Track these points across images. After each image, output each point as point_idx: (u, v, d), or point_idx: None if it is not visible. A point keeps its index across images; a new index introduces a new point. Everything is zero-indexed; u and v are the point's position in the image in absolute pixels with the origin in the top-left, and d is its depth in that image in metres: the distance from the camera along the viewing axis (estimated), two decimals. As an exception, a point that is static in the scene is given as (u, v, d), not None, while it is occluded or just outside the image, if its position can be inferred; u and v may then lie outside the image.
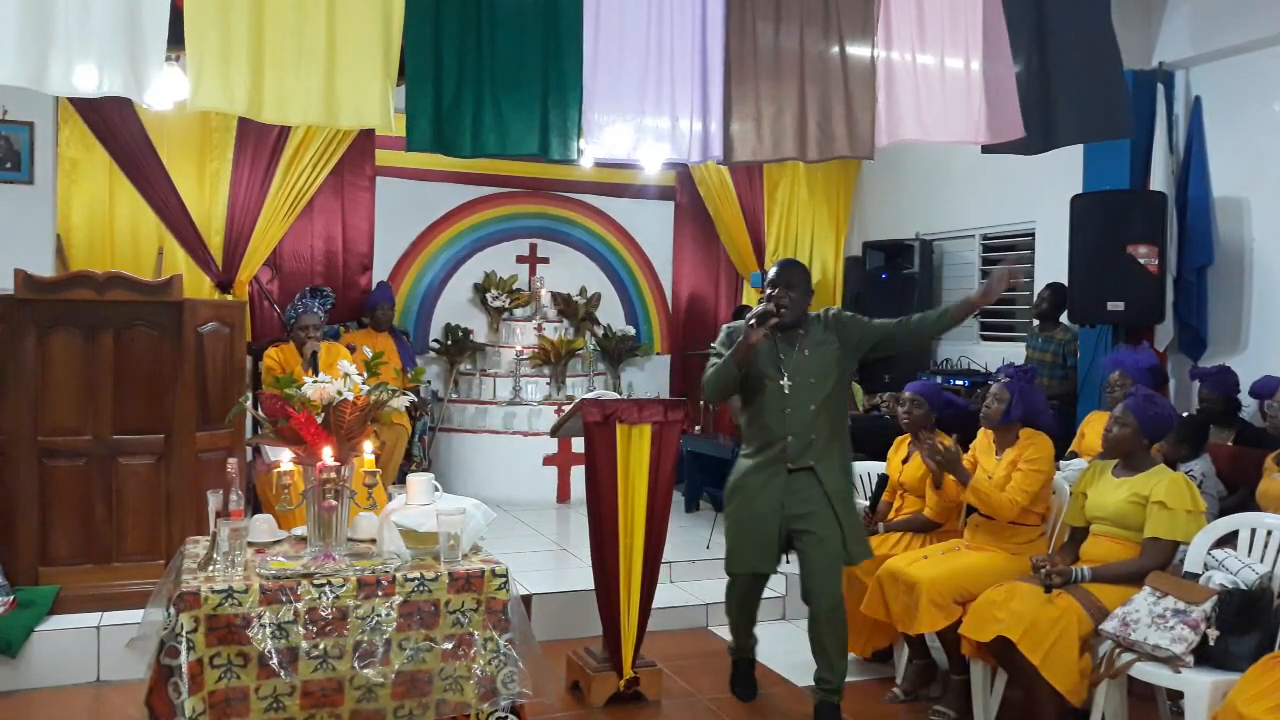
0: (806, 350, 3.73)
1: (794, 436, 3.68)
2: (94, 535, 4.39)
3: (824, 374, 3.71)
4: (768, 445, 3.73)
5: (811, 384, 3.69)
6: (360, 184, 7.28)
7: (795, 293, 3.71)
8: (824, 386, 3.71)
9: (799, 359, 3.72)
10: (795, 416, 3.68)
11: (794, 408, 3.68)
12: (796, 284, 3.74)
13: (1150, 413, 3.67)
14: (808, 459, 3.68)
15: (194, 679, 2.74)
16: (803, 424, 3.68)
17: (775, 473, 3.71)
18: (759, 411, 3.75)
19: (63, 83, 3.47)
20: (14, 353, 4.27)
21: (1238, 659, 3.15)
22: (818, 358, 3.72)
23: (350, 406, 3.11)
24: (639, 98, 4.11)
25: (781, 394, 3.69)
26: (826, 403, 3.71)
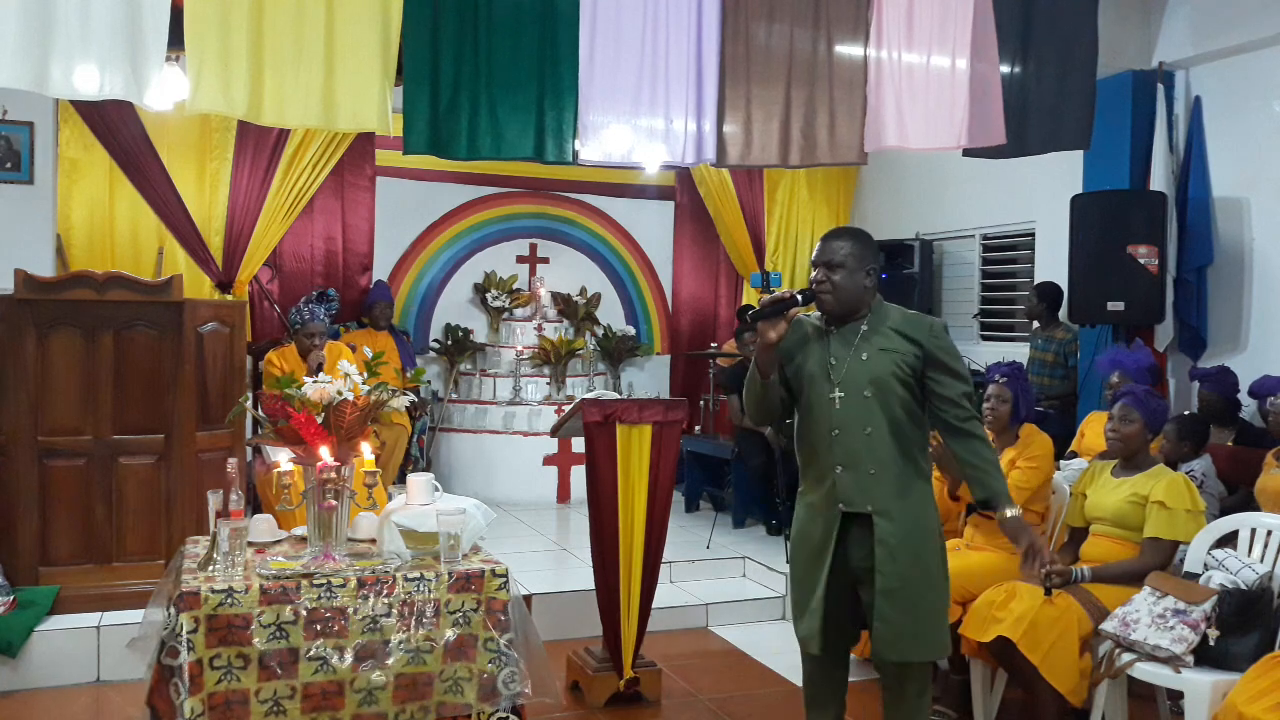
0: (865, 354, 2.80)
1: (844, 468, 2.80)
2: (94, 535, 4.39)
3: (885, 386, 2.78)
4: (819, 480, 2.88)
5: (866, 398, 2.78)
6: (360, 184, 7.28)
7: (841, 273, 2.80)
8: (885, 403, 2.78)
9: (854, 363, 2.80)
10: (845, 441, 2.80)
11: (844, 429, 2.79)
12: (843, 259, 2.80)
13: (1152, 406, 3.67)
14: (864, 502, 2.79)
15: (194, 680, 2.74)
16: (855, 452, 2.79)
17: (832, 516, 2.84)
18: (805, 430, 2.91)
19: (64, 85, 3.48)
20: (14, 353, 4.28)
21: (1238, 659, 3.15)
22: (881, 363, 2.79)
23: (350, 406, 3.10)
24: (634, 100, 4.13)
25: (829, 408, 2.82)
26: (890, 426, 2.78)
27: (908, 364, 2.79)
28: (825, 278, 2.82)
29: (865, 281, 2.83)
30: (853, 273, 2.81)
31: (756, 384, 2.86)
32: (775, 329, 2.76)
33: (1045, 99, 4.53)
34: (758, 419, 2.98)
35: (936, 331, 2.84)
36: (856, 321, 2.85)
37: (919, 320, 2.85)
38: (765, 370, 2.84)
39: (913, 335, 2.81)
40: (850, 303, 2.83)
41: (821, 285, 2.82)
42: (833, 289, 2.81)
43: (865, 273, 2.82)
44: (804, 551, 2.91)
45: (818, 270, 2.84)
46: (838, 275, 2.81)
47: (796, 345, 2.90)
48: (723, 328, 8.34)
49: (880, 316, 2.85)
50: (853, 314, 2.84)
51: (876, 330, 2.83)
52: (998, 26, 4.40)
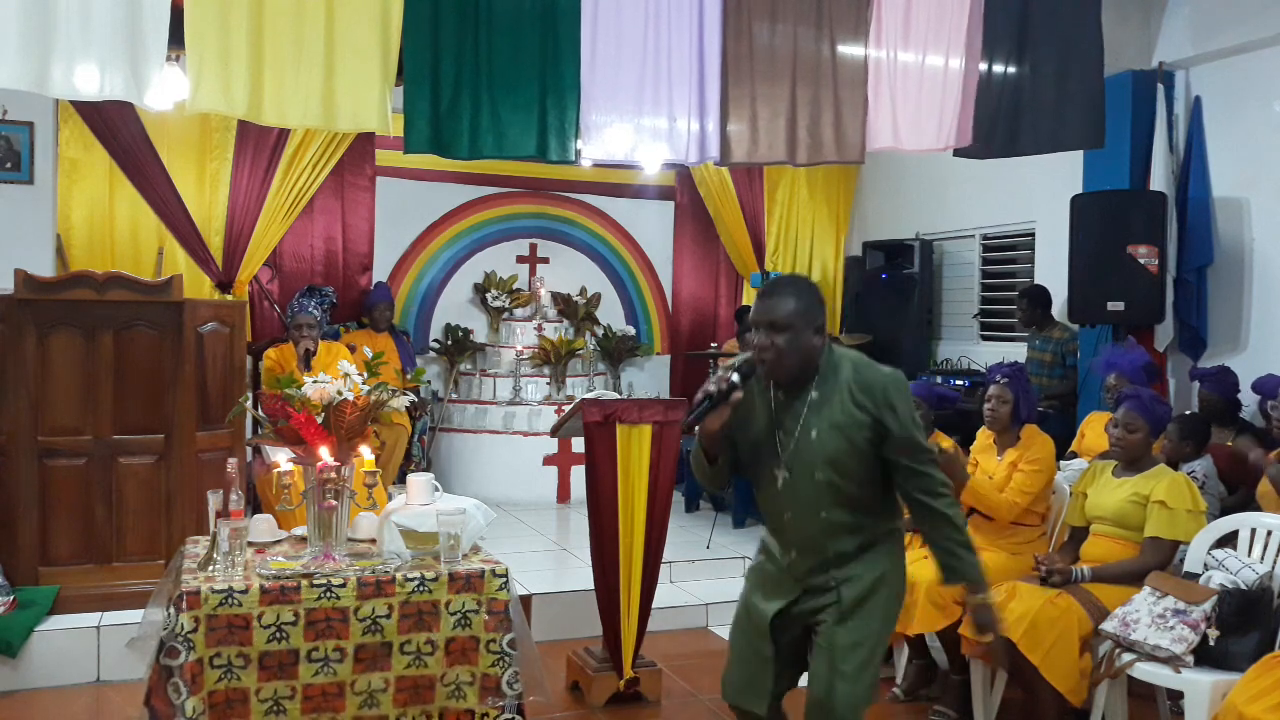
0: (814, 430, 2.44)
1: (799, 552, 2.53)
2: (94, 535, 4.39)
3: (838, 466, 2.43)
4: (780, 552, 2.62)
5: (818, 481, 2.44)
6: (360, 184, 7.28)
7: (787, 336, 2.41)
8: (841, 484, 2.45)
9: (802, 439, 2.45)
10: (800, 525, 2.51)
11: (796, 513, 2.50)
12: (789, 320, 2.41)
13: (1157, 412, 3.67)
14: (824, 580, 2.52)
15: (194, 679, 2.74)
16: (811, 537, 2.50)
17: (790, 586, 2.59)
18: (762, 505, 2.66)
19: (64, 85, 3.48)
20: (14, 353, 4.27)
21: (1238, 659, 3.15)
22: (833, 441, 2.43)
23: (350, 406, 3.11)
24: (636, 99, 4.12)
25: (777, 488, 2.51)
26: (850, 506, 2.47)
27: (864, 436, 2.43)
28: (770, 342, 2.42)
29: (814, 340, 2.45)
30: (800, 334, 2.42)
31: (703, 464, 2.55)
32: (718, 418, 2.42)
33: (1045, 99, 4.53)
34: (708, 488, 2.78)
35: (889, 395, 2.44)
36: (806, 385, 2.47)
37: (871, 382, 2.45)
38: (712, 454, 2.53)
39: (864, 402, 2.43)
40: (797, 368, 2.45)
41: (764, 352, 2.43)
42: (777, 356, 2.42)
43: (814, 330, 2.44)
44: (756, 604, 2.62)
45: (759, 332, 2.44)
46: (782, 339, 2.41)
47: (744, 416, 2.53)
48: (723, 328, 8.34)
49: (831, 377, 2.46)
50: (801, 377, 2.47)
51: (827, 399, 2.45)
52: (995, 28, 4.41)
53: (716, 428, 2.43)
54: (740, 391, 2.41)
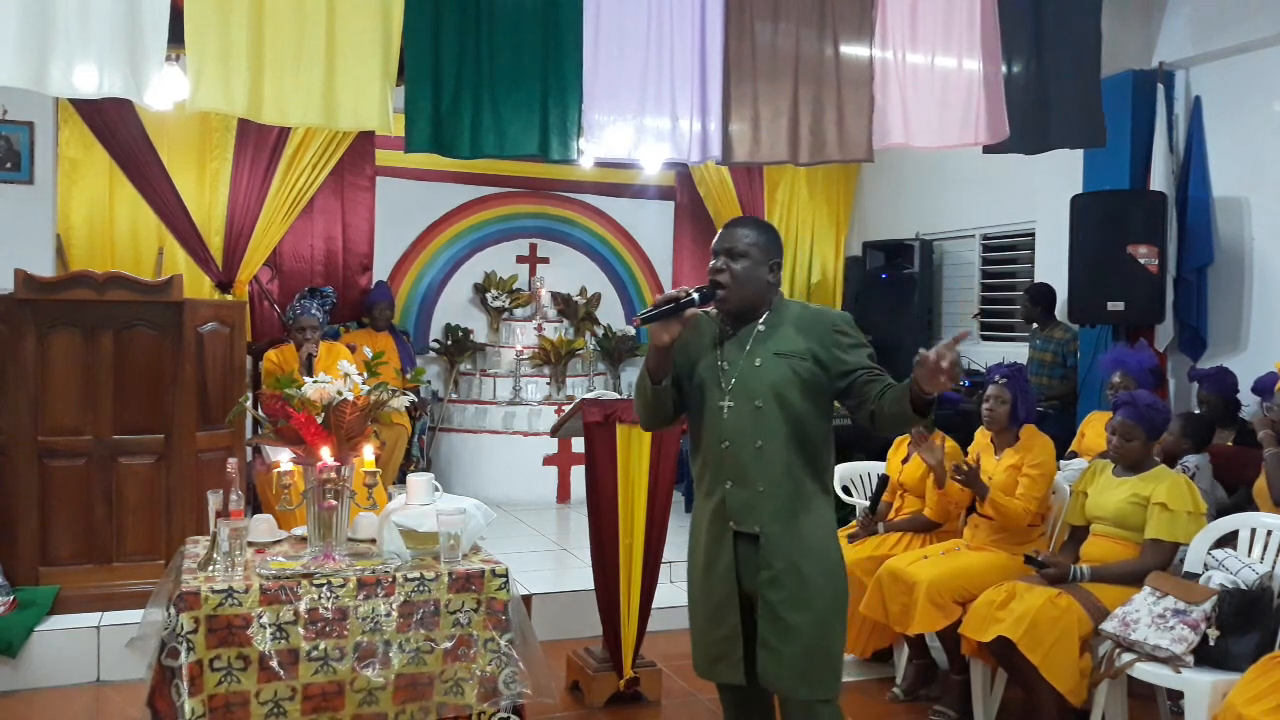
0: (759, 359, 2.50)
1: (733, 483, 2.51)
2: (94, 535, 4.39)
3: (779, 394, 2.47)
4: (710, 493, 2.58)
5: (757, 408, 2.47)
6: (360, 184, 7.28)
7: (744, 263, 2.50)
8: (779, 414, 2.47)
9: (746, 369, 2.50)
10: (735, 454, 2.49)
11: (734, 441, 2.49)
12: (747, 248, 2.51)
13: (1153, 418, 3.67)
14: (752, 521, 2.49)
15: (194, 681, 2.74)
16: (744, 467, 2.49)
17: (722, 533, 2.55)
18: (696, 439, 2.62)
19: (63, 84, 3.48)
20: (14, 353, 4.27)
21: (1238, 659, 3.15)
22: (776, 369, 2.48)
23: (350, 406, 3.11)
24: (639, 98, 4.11)
25: (719, 418, 2.52)
26: (785, 440, 2.48)
27: (807, 369, 2.48)
28: (725, 266, 2.51)
29: (768, 276, 2.53)
30: (756, 265, 2.51)
31: (647, 389, 2.56)
32: (668, 331, 2.45)
33: (1060, 95, 4.53)
34: (647, 425, 2.67)
35: (836, 322, 2.54)
36: (754, 321, 2.54)
37: (819, 316, 2.55)
38: (657, 374, 2.54)
39: (803, 331, 2.50)
40: (750, 298, 2.52)
41: (719, 275, 2.51)
42: (732, 280, 2.50)
43: (769, 267, 2.53)
44: (703, 573, 2.59)
45: (717, 259, 2.53)
46: (739, 265, 2.50)
47: (693, 345, 2.59)
48: (723, 328, 8.34)
49: (780, 315, 2.54)
50: (751, 312, 2.54)
51: (774, 331, 2.52)
52: (1007, 24, 4.40)
53: (666, 341, 2.46)
54: (696, 309, 2.45)
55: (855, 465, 5.22)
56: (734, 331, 2.56)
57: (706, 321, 2.59)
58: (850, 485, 5.08)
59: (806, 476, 2.52)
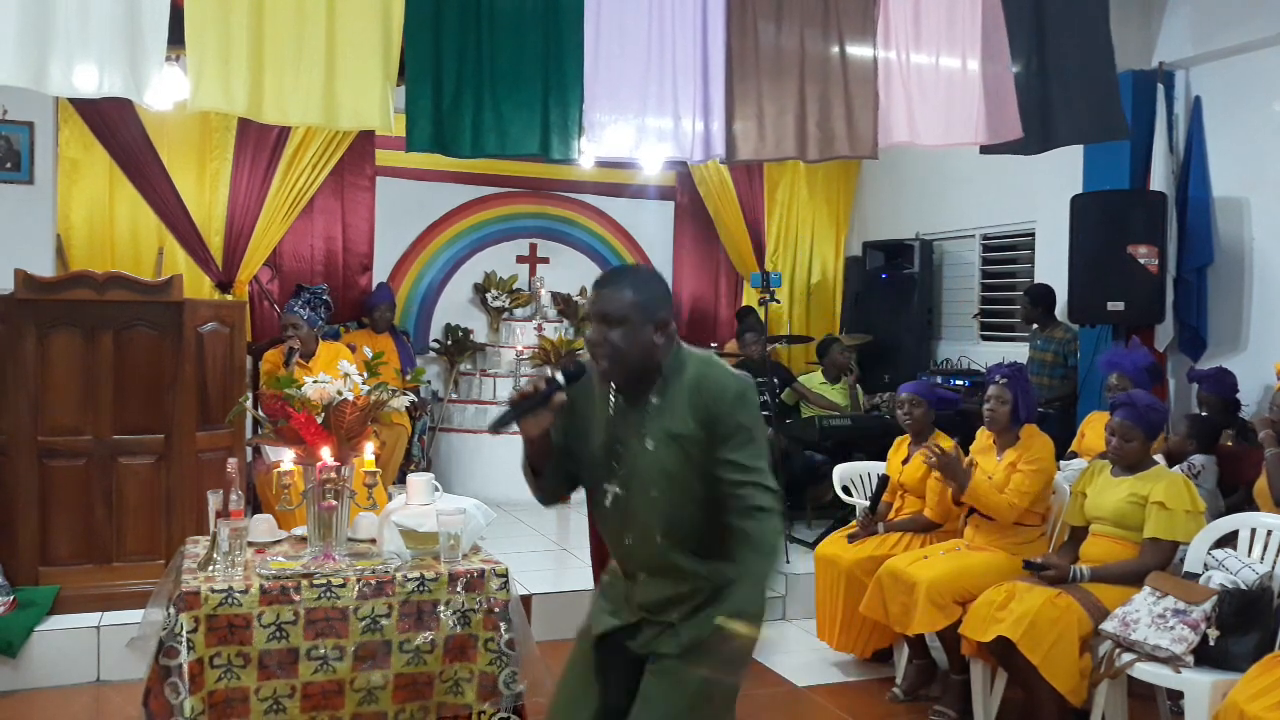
0: (651, 441, 2.13)
1: (647, 574, 2.20)
2: (94, 535, 4.38)
3: (677, 484, 2.12)
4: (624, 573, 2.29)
5: (653, 498, 2.13)
6: (360, 184, 7.27)
7: (622, 331, 2.10)
8: (679, 502, 2.13)
9: (639, 453, 2.15)
10: (638, 549, 2.19)
11: (633, 535, 2.19)
12: (624, 313, 2.10)
13: (1151, 419, 3.67)
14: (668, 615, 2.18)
15: (194, 679, 2.74)
16: (649, 561, 2.18)
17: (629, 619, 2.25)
18: (597, 519, 2.31)
19: (63, 83, 3.48)
20: (14, 353, 4.27)
21: (1238, 659, 3.15)
22: (669, 454, 2.12)
23: (350, 406, 3.11)
24: (641, 97, 4.11)
25: (611, 503, 2.20)
26: (690, 527, 2.14)
27: (700, 449, 2.10)
28: (602, 337, 2.10)
29: (655, 338, 2.11)
30: (637, 329, 2.09)
31: (531, 478, 2.26)
32: (537, 424, 2.13)
33: (1069, 91, 4.51)
34: (545, 503, 2.35)
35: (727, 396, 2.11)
36: (647, 390, 2.15)
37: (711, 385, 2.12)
38: (537, 464, 2.24)
39: (700, 405, 2.11)
40: (635, 368, 2.13)
41: (597, 350, 2.11)
42: (611, 353, 2.10)
43: (654, 326, 2.11)
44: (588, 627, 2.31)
45: (593, 328, 2.13)
46: (616, 334, 2.09)
47: (580, 415, 2.22)
48: (723, 327, 8.34)
49: (674, 381, 2.14)
50: (643, 380, 2.15)
51: (668, 406, 2.13)
52: (1010, 22, 4.39)
53: (535, 434, 2.15)
54: (563, 394, 2.11)
55: (855, 465, 5.23)
56: (626, 403, 2.18)
57: (599, 393, 2.22)
58: (850, 485, 5.08)
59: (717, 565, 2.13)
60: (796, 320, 8.16)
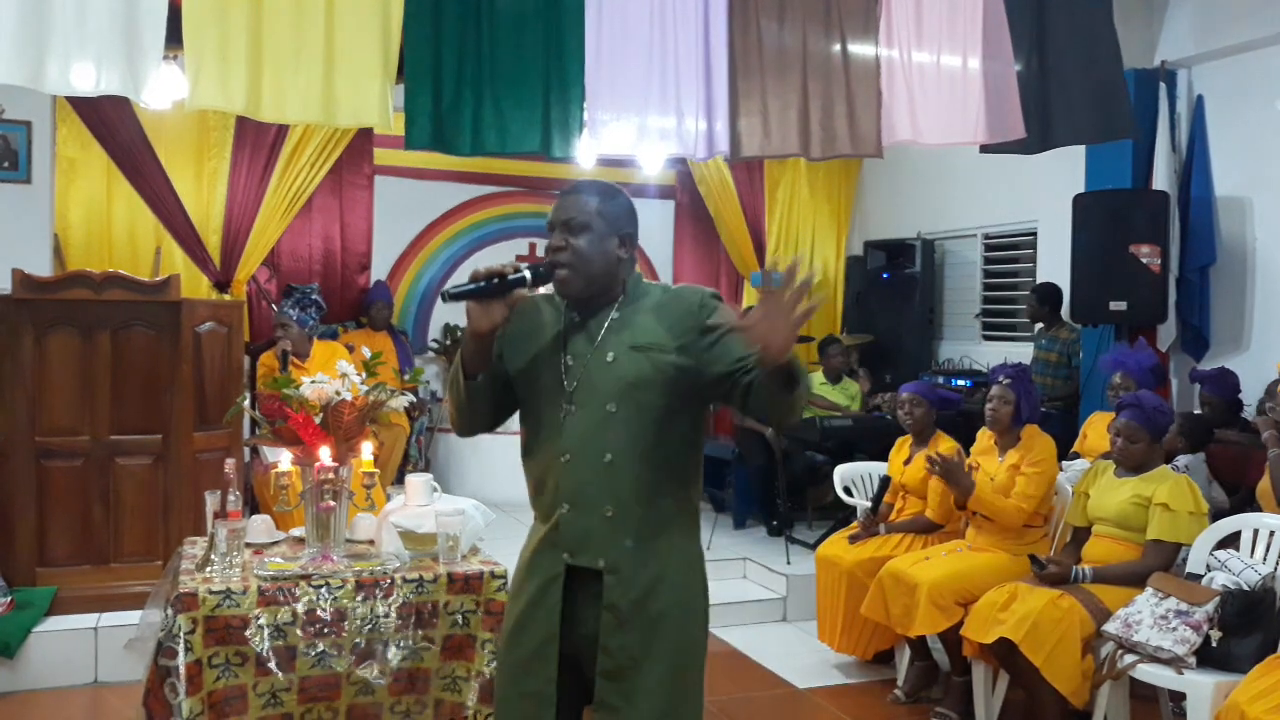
0: (611, 352, 2.04)
1: (570, 505, 2.03)
2: (91, 536, 4.37)
3: (637, 397, 2.01)
4: (543, 518, 2.12)
5: (610, 414, 2.01)
6: (359, 183, 7.26)
7: (586, 237, 2.03)
8: (636, 419, 2.01)
9: (595, 366, 2.04)
10: (575, 470, 2.03)
11: (576, 454, 2.03)
12: (588, 219, 2.04)
13: (1157, 420, 3.65)
14: (593, 554, 2.02)
15: (192, 680, 2.72)
16: (586, 485, 2.02)
17: (551, 567, 2.06)
18: (531, 449, 2.15)
19: (60, 82, 3.46)
20: (11, 353, 4.26)
21: (1240, 660, 3.14)
22: (632, 364, 2.02)
23: (348, 407, 3.09)
24: (643, 94, 4.09)
25: (559, 426, 2.05)
26: (641, 451, 2.01)
27: (670, 364, 2.00)
28: (564, 242, 2.02)
29: (619, 251, 2.06)
30: (602, 238, 2.03)
31: (460, 385, 2.09)
32: (488, 316, 1.99)
33: (1071, 90, 4.50)
34: (461, 428, 2.20)
35: (704, 300, 2.05)
36: (606, 307, 2.07)
37: (682, 297, 2.07)
38: (471, 366, 2.08)
39: (674, 320, 2.03)
40: (597, 279, 2.04)
41: (559, 253, 2.02)
42: (574, 259, 2.01)
43: (619, 239, 2.06)
44: (518, 618, 2.09)
45: (555, 234, 2.05)
46: (581, 240, 2.01)
47: (525, 334, 2.11)
48: (723, 327, 8.31)
49: (637, 299, 2.08)
50: (602, 296, 2.07)
51: (630, 319, 2.05)
52: (1012, 21, 4.38)
53: (484, 329, 2.00)
54: (527, 289, 1.99)
55: (856, 466, 5.21)
56: (581, 320, 2.08)
57: (548, 307, 2.14)
58: (851, 486, 5.06)
59: (667, 497, 2.04)
60: (797, 320, 8.13)
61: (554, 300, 2.13)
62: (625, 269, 2.10)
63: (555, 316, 2.12)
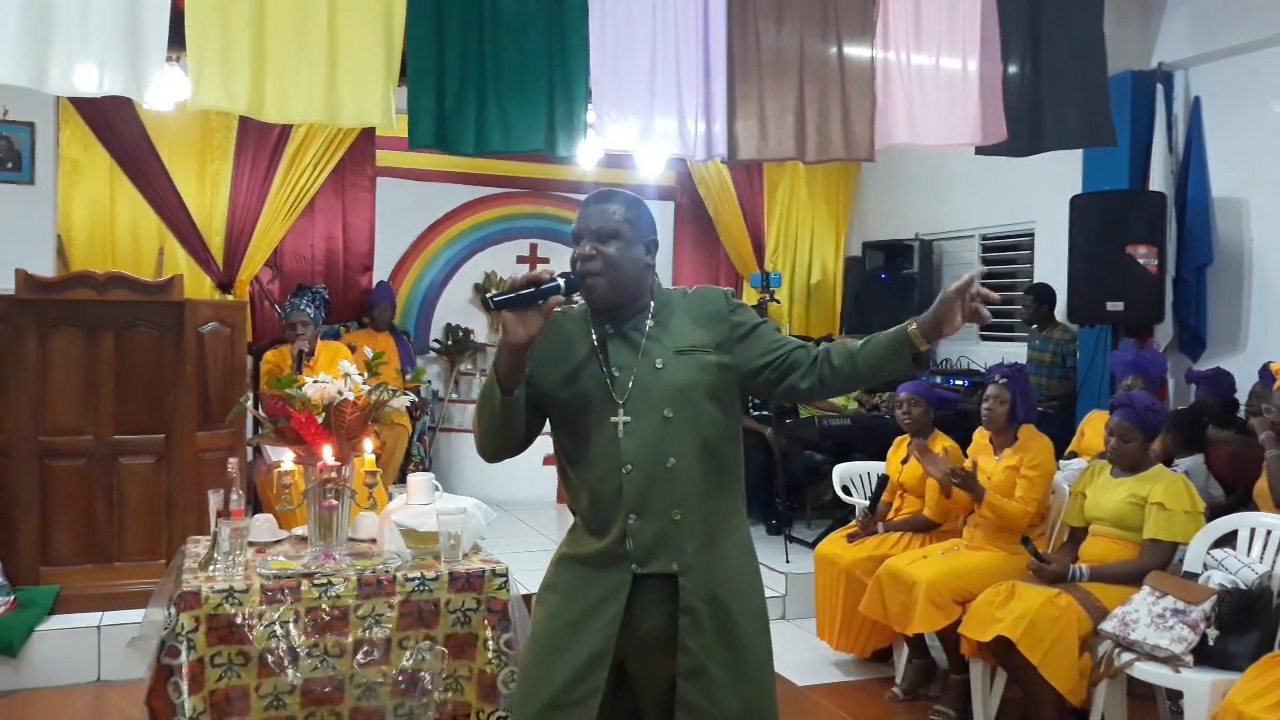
0: (659, 359, 2.06)
1: (638, 515, 2.03)
2: (95, 535, 4.39)
3: (692, 400, 2.05)
4: (601, 530, 2.09)
5: (667, 419, 2.03)
6: (361, 184, 7.28)
7: (617, 245, 2.04)
8: (693, 423, 2.05)
9: (644, 374, 2.05)
10: (642, 480, 2.03)
11: (638, 463, 2.03)
12: (617, 227, 2.05)
13: (1150, 420, 3.67)
14: (666, 559, 2.04)
15: (194, 679, 2.74)
16: (652, 493, 2.03)
17: (618, 582, 2.05)
18: (580, 467, 2.12)
19: (63, 82, 3.48)
20: (15, 353, 4.28)
21: (1237, 658, 3.15)
22: (682, 369, 2.05)
23: (351, 406, 3.11)
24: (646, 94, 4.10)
25: (615, 437, 2.05)
26: (701, 453, 2.05)
27: (714, 364, 2.06)
28: (595, 252, 2.02)
29: (645, 258, 2.09)
30: (631, 245, 2.05)
31: (495, 402, 2.01)
32: (526, 325, 1.94)
33: (1061, 96, 4.53)
34: (492, 452, 2.13)
35: (732, 304, 2.13)
36: (638, 315, 2.08)
37: (708, 299, 2.12)
38: (509, 381, 2.00)
39: (709, 321, 2.09)
40: (628, 286, 2.05)
41: (590, 262, 2.02)
42: (606, 267, 2.02)
43: (644, 246, 2.09)
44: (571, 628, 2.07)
45: (581, 244, 2.04)
46: (612, 248, 2.03)
47: (553, 351, 2.09)
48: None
49: (666, 304, 2.11)
50: (632, 304, 2.08)
51: (666, 324, 2.08)
52: (1008, 24, 4.41)
53: (523, 338, 1.94)
54: (562, 296, 1.96)
55: (855, 465, 5.23)
56: (616, 330, 2.08)
57: (569, 321, 2.13)
58: (850, 485, 5.08)
59: (724, 494, 2.11)
60: (796, 320, 8.16)
61: (571, 314, 2.13)
62: (651, 275, 2.13)
63: (582, 329, 2.12)
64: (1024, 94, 4.48)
